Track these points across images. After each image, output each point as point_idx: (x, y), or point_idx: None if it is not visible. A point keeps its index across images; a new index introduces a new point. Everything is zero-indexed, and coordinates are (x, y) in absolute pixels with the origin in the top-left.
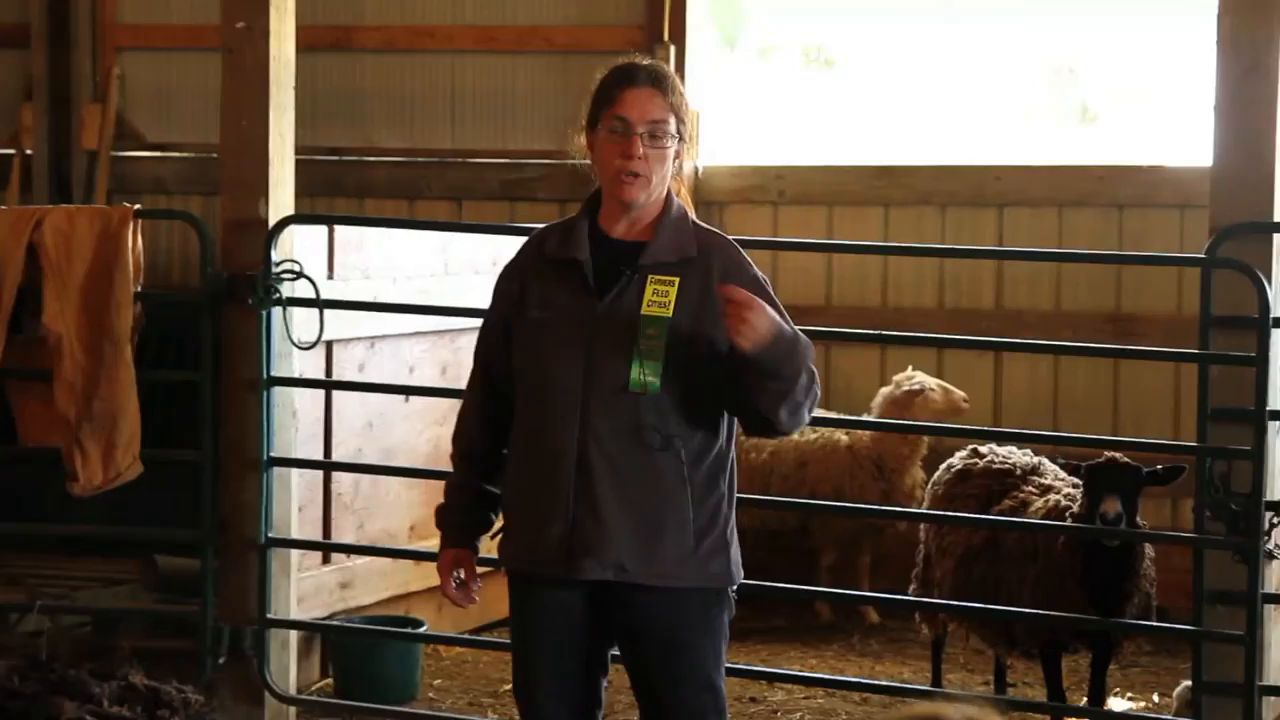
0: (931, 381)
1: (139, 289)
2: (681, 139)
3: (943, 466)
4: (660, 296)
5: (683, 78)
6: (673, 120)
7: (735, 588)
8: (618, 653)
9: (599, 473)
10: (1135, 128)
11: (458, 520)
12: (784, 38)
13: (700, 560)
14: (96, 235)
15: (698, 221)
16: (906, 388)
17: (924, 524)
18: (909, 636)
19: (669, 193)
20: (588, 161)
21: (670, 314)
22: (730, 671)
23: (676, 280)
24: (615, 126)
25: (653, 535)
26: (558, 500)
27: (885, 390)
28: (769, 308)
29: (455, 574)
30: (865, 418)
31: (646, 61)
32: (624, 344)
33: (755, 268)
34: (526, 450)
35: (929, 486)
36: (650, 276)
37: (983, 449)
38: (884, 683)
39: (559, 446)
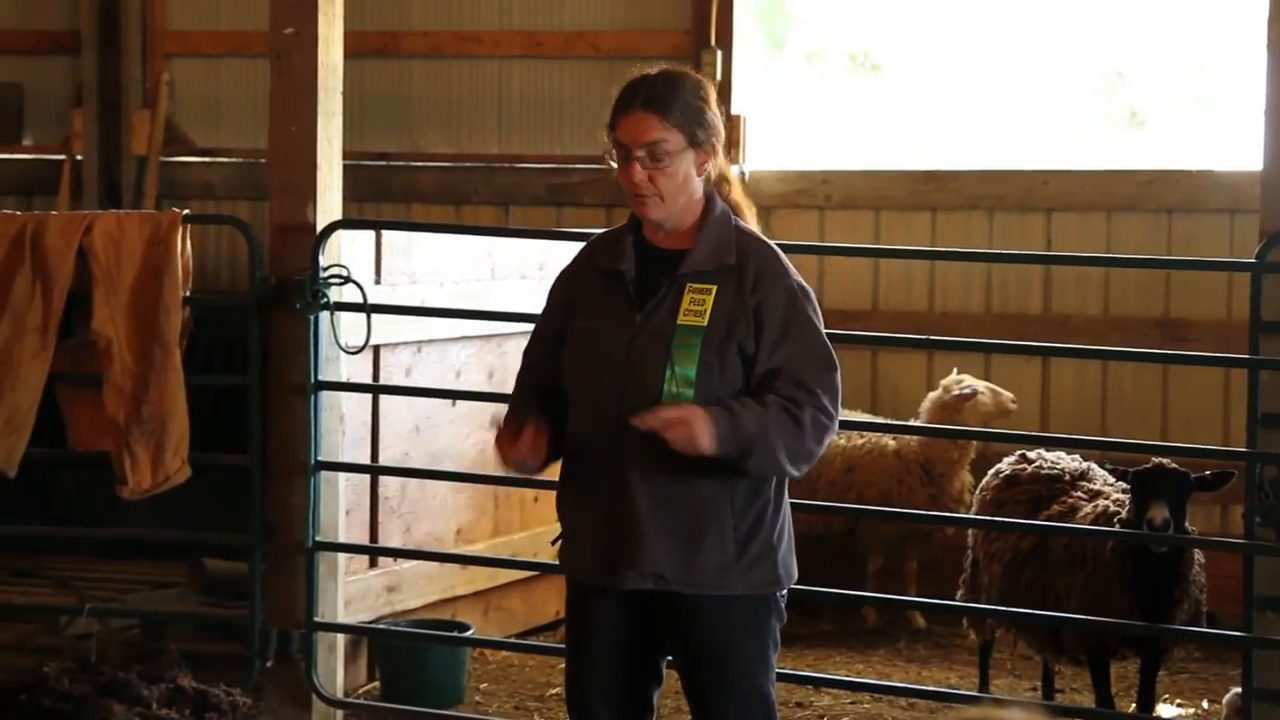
0: (980, 385)
1: (188, 293)
2: (697, 146)
3: (991, 472)
4: (697, 305)
5: (729, 82)
6: (676, 136)
7: (784, 593)
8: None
9: (636, 483)
10: (1184, 132)
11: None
12: (830, 42)
13: (744, 567)
14: (146, 240)
15: (741, 225)
16: (956, 392)
17: (972, 529)
18: (956, 641)
19: (709, 197)
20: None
21: (705, 323)
22: (777, 676)
23: (714, 289)
24: (618, 151)
25: (692, 544)
26: (598, 511)
27: (933, 395)
28: (701, 415)
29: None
30: (913, 422)
31: (655, 74)
32: (659, 354)
33: (794, 275)
34: (572, 460)
35: (977, 491)
36: (688, 285)
37: (1031, 454)
38: (931, 688)
39: (598, 457)
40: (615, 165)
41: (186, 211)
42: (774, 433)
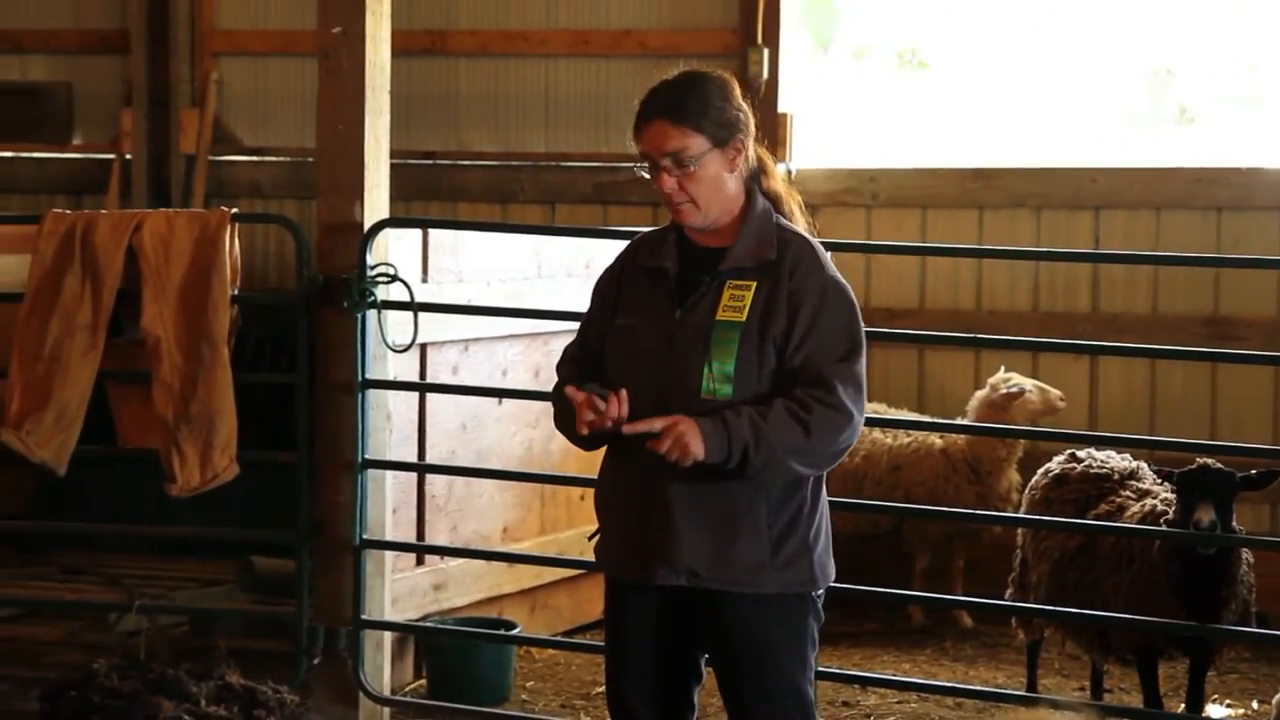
0: (1028, 383)
1: (236, 292)
2: (722, 145)
3: (1040, 471)
4: (736, 302)
5: (775, 80)
6: (697, 140)
7: (821, 592)
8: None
9: (671, 480)
10: (1234, 129)
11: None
12: (878, 40)
13: (779, 566)
14: (194, 239)
15: (782, 221)
16: (1004, 390)
17: (1020, 528)
18: (1003, 641)
19: (750, 193)
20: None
21: (744, 319)
22: (823, 675)
23: (753, 285)
24: (644, 160)
25: (726, 541)
26: (632, 507)
27: (981, 393)
28: (691, 423)
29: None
30: (960, 421)
31: (671, 79)
32: (697, 351)
33: (830, 270)
34: (610, 456)
35: (1026, 490)
36: (728, 282)
37: (1080, 453)
38: (978, 688)
39: (635, 453)
40: (647, 175)
41: (235, 210)
42: (773, 435)
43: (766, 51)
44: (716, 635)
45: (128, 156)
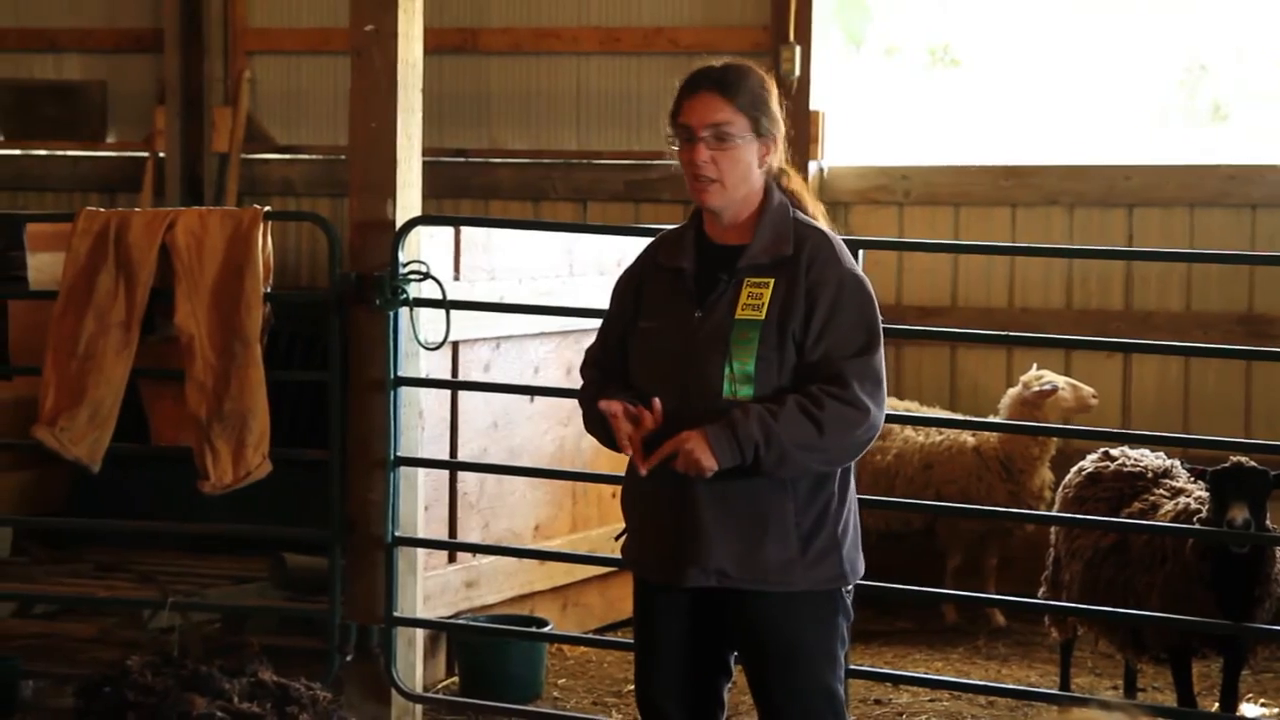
0: (1060, 380)
1: (268, 290)
2: (761, 135)
3: (1074, 469)
4: (754, 300)
5: (808, 78)
6: (742, 121)
7: (850, 589)
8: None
9: (700, 484)
10: (1268, 126)
11: (602, 389)
12: (909, 37)
13: (808, 563)
14: (227, 237)
15: (799, 217)
16: (1037, 388)
17: (1053, 526)
18: (1036, 639)
19: (767, 190)
20: (679, 164)
21: (763, 317)
22: (855, 674)
23: (771, 282)
24: (681, 134)
25: (754, 540)
26: (660, 508)
27: (1013, 391)
28: (697, 436)
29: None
30: (992, 419)
31: (720, 65)
32: (718, 351)
33: (848, 263)
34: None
35: (1059, 489)
36: (746, 280)
37: (1114, 452)
38: (1010, 686)
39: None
40: (676, 150)
41: (267, 208)
42: (783, 433)
43: (798, 49)
44: (746, 634)
45: (161, 155)
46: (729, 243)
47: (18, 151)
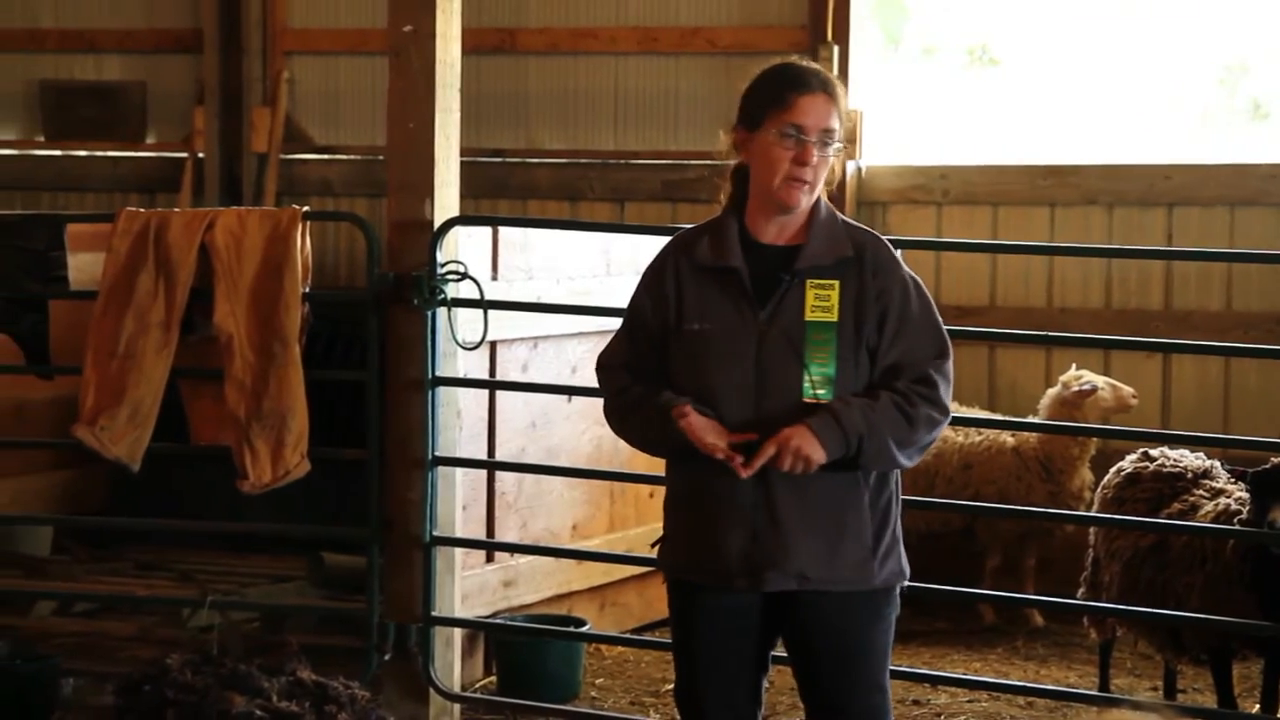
0: (1100, 380)
1: (307, 289)
2: (841, 141)
3: (1113, 470)
4: (823, 302)
5: (846, 78)
6: (840, 128)
7: (904, 585)
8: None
9: (780, 485)
10: None
11: (657, 394)
12: (947, 37)
13: (878, 562)
14: (266, 237)
15: (846, 220)
16: (1076, 388)
17: (1092, 527)
18: (1075, 640)
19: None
20: (732, 161)
21: (836, 318)
22: (893, 674)
23: (836, 284)
24: (789, 132)
25: (833, 542)
26: (736, 513)
27: (1053, 391)
28: (803, 430)
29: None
30: (1031, 419)
31: (809, 64)
32: (793, 353)
33: (906, 267)
34: (693, 466)
35: (1098, 489)
36: (809, 281)
37: (1153, 452)
38: (1049, 687)
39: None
40: (770, 142)
41: (306, 208)
42: (884, 427)
43: (836, 49)
44: (804, 633)
45: (200, 155)
46: (777, 242)
47: (58, 152)
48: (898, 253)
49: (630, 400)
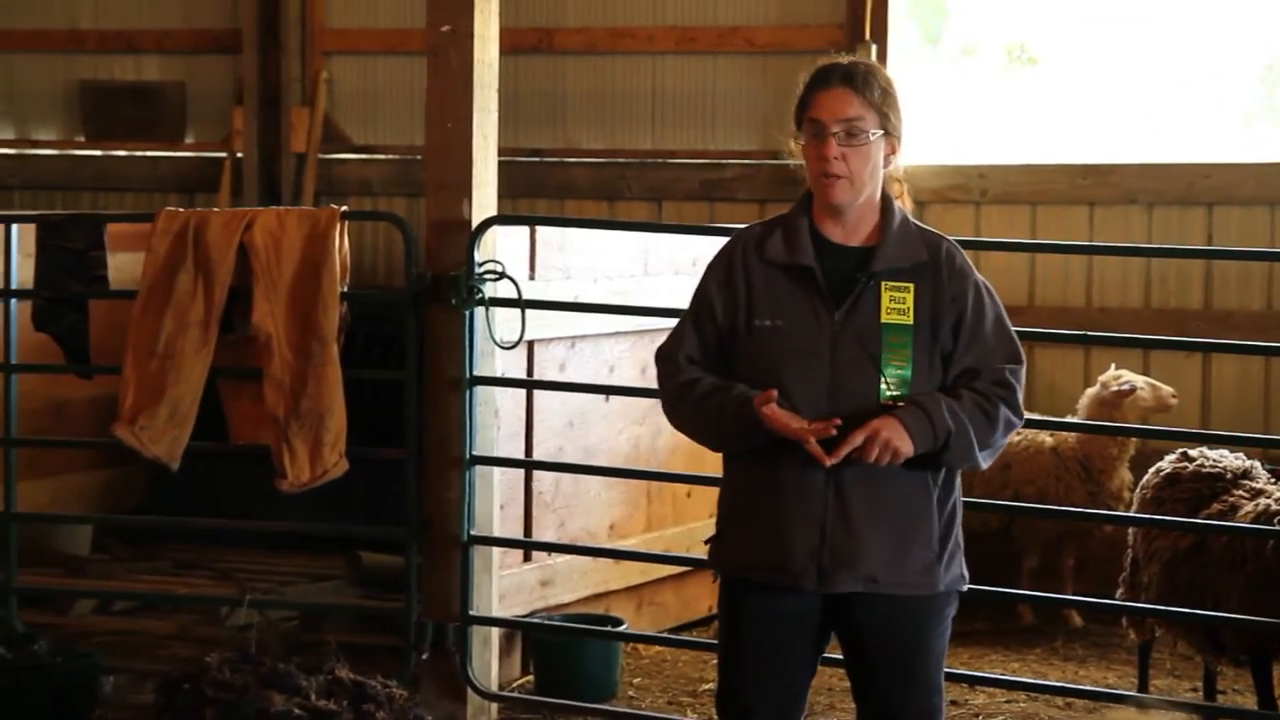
0: (1139, 380)
1: (345, 289)
2: (889, 134)
3: (1152, 470)
4: (898, 304)
5: None
6: (872, 117)
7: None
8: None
9: (852, 486)
10: None
11: (730, 387)
12: (986, 35)
13: (943, 567)
14: (305, 236)
15: (919, 224)
16: (1115, 388)
17: (1131, 527)
18: (1114, 641)
19: (887, 196)
20: (800, 163)
21: (912, 321)
22: None
23: (912, 286)
24: (811, 129)
25: (903, 545)
26: (807, 514)
27: (1092, 391)
28: (892, 422)
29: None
30: (1070, 419)
31: (848, 60)
32: (868, 354)
33: (977, 272)
34: (760, 463)
35: (1137, 489)
36: (885, 283)
37: (1193, 452)
38: (1088, 687)
39: (803, 459)
40: (801, 146)
41: (344, 208)
42: (969, 424)
43: (874, 48)
44: (864, 635)
45: (239, 155)
46: (850, 243)
47: (98, 152)
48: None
49: (700, 391)
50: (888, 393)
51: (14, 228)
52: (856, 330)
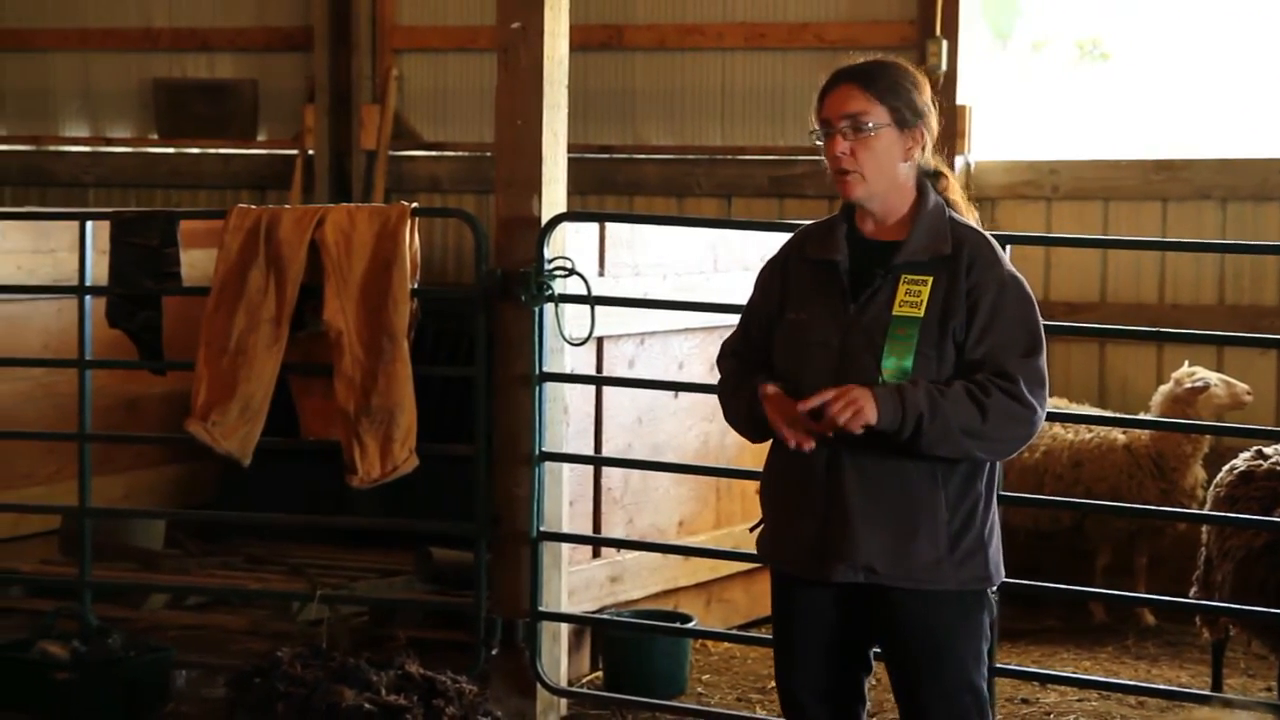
0: (1213, 377)
1: (415, 286)
2: (903, 127)
3: (1226, 468)
4: (913, 297)
5: (954, 73)
6: (878, 110)
7: (995, 589)
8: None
9: (848, 475)
10: None
11: (751, 377)
12: (1057, 31)
13: (956, 563)
14: (375, 233)
15: (956, 217)
16: (1189, 385)
17: (1205, 525)
18: (1187, 639)
19: (923, 188)
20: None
21: (922, 314)
22: (1002, 672)
23: (929, 279)
24: (822, 130)
25: (905, 538)
26: (808, 502)
27: (1165, 388)
28: (864, 390)
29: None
30: (1143, 416)
31: (868, 60)
32: (873, 345)
33: (1007, 264)
34: (780, 450)
35: (1211, 487)
36: (903, 276)
37: (1268, 450)
38: (1161, 686)
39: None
40: (821, 147)
41: (415, 205)
42: (950, 412)
43: (945, 43)
44: (891, 632)
45: (310, 152)
46: (882, 239)
47: (171, 150)
48: (1006, 250)
49: (731, 384)
50: (883, 381)
51: (89, 225)
52: (867, 323)
